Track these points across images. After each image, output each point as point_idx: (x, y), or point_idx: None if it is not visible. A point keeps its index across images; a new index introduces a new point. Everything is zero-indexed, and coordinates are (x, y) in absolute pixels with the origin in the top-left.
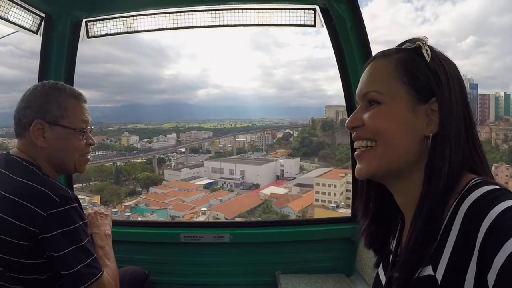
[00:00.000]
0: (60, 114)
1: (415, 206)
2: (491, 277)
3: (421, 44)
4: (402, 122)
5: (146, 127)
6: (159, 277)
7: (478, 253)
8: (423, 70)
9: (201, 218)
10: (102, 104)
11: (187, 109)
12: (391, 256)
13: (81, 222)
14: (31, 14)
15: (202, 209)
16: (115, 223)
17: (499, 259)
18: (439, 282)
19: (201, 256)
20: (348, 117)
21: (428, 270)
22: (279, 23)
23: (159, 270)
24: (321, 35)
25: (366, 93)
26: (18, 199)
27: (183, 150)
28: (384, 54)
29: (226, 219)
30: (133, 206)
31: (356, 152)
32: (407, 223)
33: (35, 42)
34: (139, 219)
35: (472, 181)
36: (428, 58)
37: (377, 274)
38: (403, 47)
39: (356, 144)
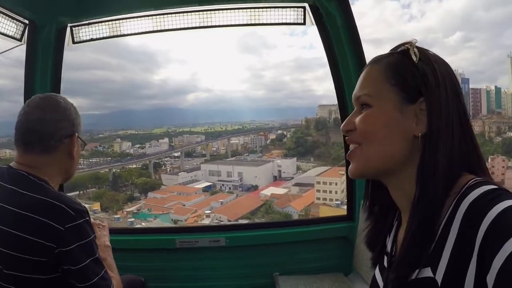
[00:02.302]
0: (80, 129)
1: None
2: (491, 278)
3: (409, 46)
4: (388, 123)
5: (136, 133)
6: (156, 283)
7: (478, 253)
8: (410, 71)
9: (206, 221)
10: (91, 111)
11: (178, 113)
12: (385, 257)
13: (93, 235)
14: (14, 21)
15: (206, 212)
16: (110, 231)
17: (498, 260)
18: (439, 284)
19: (197, 261)
20: (340, 115)
21: (427, 272)
22: (268, 22)
23: (156, 277)
24: (308, 35)
25: (358, 97)
26: (32, 214)
27: (176, 154)
28: (376, 59)
29: (229, 221)
30: (135, 211)
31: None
32: (404, 222)
33: (21, 50)
34: (143, 224)
35: (471, 181)
36: (415, 59)
37: (374, 275)
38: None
39: (350, 147)
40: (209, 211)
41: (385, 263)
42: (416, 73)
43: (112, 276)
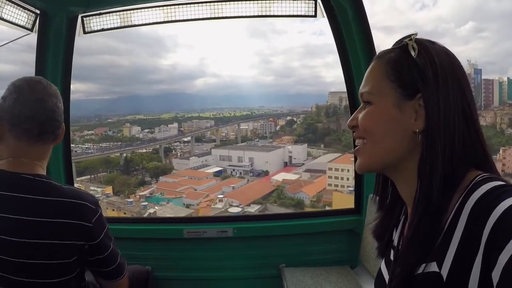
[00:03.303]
0: None
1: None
2: (496, 274)
3: (407, 41)
4: (387, 119)
5: (145, 118)
6: (163, 273)
7: (484, 249)
8: (407, 67)
9: (219, 205)
10: (100, 96)
11: (186, 98)
12: (391, 251)
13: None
14: (26, 11)
15: (219, 196)
16: (118, 220)
17: (504, 257)
18: (445, 278)
19: (205, 251)
20: (350, 107)
21: (433, 267)
22: (279, 13)
23: (163, 266)
24: (319, 21)
25: (361, 94)
26: (58, 219)
27: (186, 139)
28: (379, 55)
29: (241, 205)
30: (148, 195)
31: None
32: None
33: (31, 36)
34: (156, 208)
35: (478, 177)
36: (414, 54)
37: (380, 269)
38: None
39: (356, 142)
40: (222, 196)
41: (391, 257)
42: (414, 69)
43: None
